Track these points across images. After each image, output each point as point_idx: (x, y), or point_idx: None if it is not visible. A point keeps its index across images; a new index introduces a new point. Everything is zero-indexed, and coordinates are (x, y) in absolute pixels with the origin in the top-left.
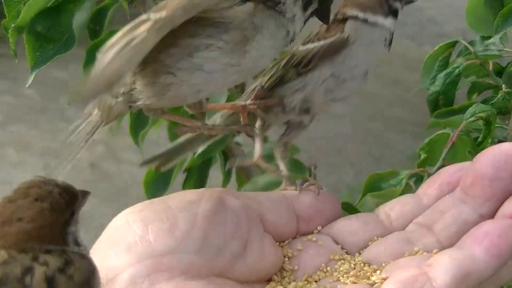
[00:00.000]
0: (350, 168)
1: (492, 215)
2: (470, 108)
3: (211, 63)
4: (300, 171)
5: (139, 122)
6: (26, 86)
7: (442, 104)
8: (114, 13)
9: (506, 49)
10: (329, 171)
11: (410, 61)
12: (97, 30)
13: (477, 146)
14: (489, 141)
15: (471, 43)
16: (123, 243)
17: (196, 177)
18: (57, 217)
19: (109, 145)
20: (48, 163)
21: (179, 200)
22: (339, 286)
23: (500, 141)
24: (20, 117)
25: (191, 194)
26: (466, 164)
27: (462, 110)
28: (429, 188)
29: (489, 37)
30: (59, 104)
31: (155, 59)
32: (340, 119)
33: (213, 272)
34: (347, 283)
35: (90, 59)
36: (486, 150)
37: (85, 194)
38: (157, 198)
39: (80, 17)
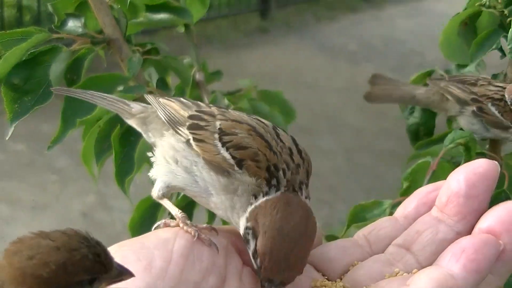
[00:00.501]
0: (342, 203)
1: (468, 232)
2: (449, 135)
3: (198, 185)
4: None
5: (124, 168)
6: (6, 138)
7: (423, 134)
8: (90, 61)
9: (483, 76)
10: (321, 206)
11: None
12: (75, 80)
13: None
14: None
15: (447, 71)
16: None
17: None
18: (62, 277)
19: (100, 194)
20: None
21: (155, 238)
22: None
23: None
24: (9, 172)
25: (166, 232)
26: (441, 183)
27: (442, 139)
28: (405, 209)
29: (465, 66)
30: (47, 158)
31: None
32: (331, 155)
33: None
34: None
35: (67, 106)
36: (459, 168)
37: (123, 274)
38: (132, 238)
39: (56, 68)
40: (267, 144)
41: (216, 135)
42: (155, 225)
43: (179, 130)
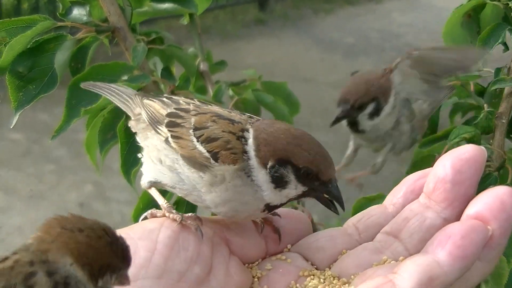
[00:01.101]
0: None
1: (457, 218)
2: (454, 130)
3: (184, 183)
4: None
5: (130, 160)
6: (11, 127)
7: (427, 127)
8: (95, 50)
9: (485, 69)
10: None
11: None
12: (79, 68)
13: None
14: None
15: None
16: None
17: (185, 211)
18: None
19: (98, 184)
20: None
21: (140, 229)
22: None
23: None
24: (6, 161)
25: (152, 222)
26: (429, 170)
27: (446, 136)
28: (394, 197)
29: None
30: (44, 147)
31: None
32: (328, 148)
33: None
34: None
35: (72, 95)
36: (446, 154)
37: (123, 279)
38: (118, 230)
39: (61, 56)
40: (229, 120)
41: (191, 131)
42: (142, 216)
43: (159, 129)
